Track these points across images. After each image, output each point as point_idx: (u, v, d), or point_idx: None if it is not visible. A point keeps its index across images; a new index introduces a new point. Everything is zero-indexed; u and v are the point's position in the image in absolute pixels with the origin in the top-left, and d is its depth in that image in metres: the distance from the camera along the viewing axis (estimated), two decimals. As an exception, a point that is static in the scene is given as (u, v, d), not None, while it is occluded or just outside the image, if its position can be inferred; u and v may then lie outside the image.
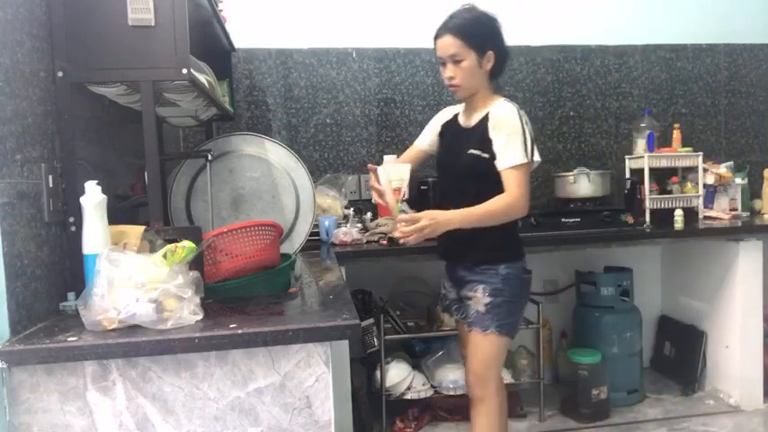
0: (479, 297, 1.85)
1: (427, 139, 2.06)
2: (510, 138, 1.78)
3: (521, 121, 1.80)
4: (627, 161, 3.09)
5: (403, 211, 1.80)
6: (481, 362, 1.89)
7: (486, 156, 1.81)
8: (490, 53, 1.83)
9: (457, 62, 1.81)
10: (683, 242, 2.91)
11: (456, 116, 2.01)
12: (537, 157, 1.83)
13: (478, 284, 1.86)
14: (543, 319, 2.75)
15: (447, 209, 1.76)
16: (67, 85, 1.41)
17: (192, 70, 1.47)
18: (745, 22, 3.33)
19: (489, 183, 1.80)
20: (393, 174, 1.77)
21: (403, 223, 1.69)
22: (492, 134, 1.80)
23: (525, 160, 1.77)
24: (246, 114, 2.95)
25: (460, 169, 1.88)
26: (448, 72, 1.84)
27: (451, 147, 1.95)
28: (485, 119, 1.84)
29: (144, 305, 1.15)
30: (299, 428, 1.19)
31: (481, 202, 1.77)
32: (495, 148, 1.79)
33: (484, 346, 1.88)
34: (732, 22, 3.32)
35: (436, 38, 1.85)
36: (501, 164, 1.79)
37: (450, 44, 1.81)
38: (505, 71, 1.95)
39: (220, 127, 2.80)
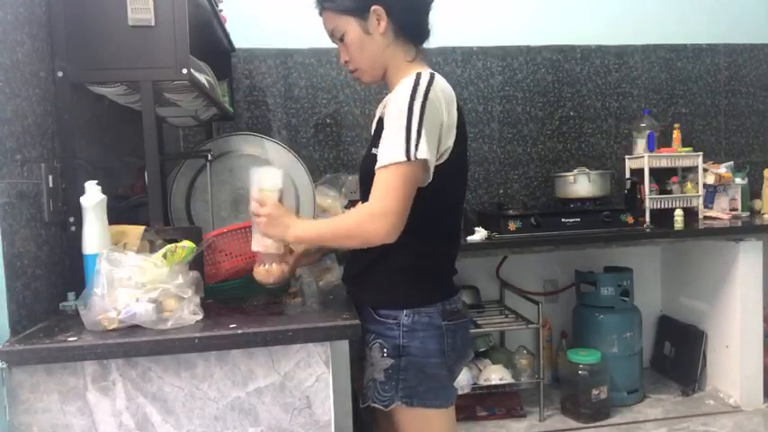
0: (376, 359, 1.29)
1: None
2: (390, 125, 1.21)
3: (410, 100, 1.19)
4: (627, 161, 3.09)
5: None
6: None
7: None
8: (375, 8, 1.27)
9: (342, 40, 1.32)
10: (682, 242, 2.91)
11: None
12: (423, 155, 1.17)
13: (375, 340, 1.30)
14: (543, 319, 2.75)
15: None
16: (67, 85, 1.41)
17: (191, 70, 1.47)
18: (745, 22, 3.33)
19: None
20: (265, 180, 1.34)
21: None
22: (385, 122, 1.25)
23: (402, 159, 1.16)
24: (246, 114, 2.95)
25: (362, 181, 1.36)
26: (342, 56, 1.37)
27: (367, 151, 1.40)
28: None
29: (144, 305, 1.15)
30: (299, 428, 1.19)
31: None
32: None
33: (404, 426, 1.33)
34: (732, 22, 3.31)
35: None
36: (378, 161, 1.22)
37: (325, 21, 1.34)
38: (505, 70, 1.82)
39: (220, 127, 2.80)
